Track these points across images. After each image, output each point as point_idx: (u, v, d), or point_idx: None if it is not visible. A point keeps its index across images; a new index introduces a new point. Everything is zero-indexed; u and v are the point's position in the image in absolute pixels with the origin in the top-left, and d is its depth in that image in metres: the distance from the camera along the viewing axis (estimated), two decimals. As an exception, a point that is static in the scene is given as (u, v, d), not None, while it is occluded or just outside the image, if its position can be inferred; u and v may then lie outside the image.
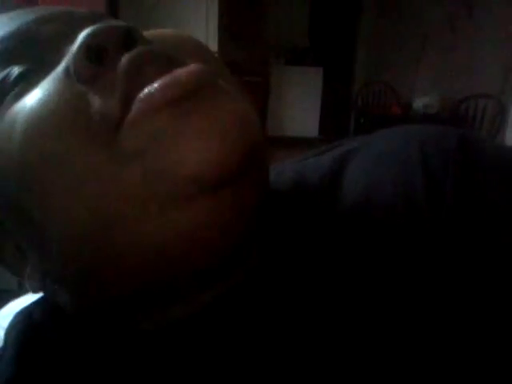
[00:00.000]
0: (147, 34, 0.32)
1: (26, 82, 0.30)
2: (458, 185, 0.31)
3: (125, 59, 0.27)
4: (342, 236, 0.33)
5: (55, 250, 0.29)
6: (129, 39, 0.28)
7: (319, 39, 7.04)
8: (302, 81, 6.41)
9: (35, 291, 0.34)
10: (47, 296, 0.36)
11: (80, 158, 0.27)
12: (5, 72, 0.30)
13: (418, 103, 4.61)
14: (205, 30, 4.38)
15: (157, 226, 0.27)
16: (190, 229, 0.27)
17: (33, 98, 0.28)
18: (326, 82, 6.58)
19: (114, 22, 0.29)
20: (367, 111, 5.39)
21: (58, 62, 0.30)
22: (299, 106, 6.47)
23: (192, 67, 0.28)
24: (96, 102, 0.27)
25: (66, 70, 0.28)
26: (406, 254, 0.31)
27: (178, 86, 0.26)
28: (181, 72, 0.27)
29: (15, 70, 0.30)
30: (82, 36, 0.28)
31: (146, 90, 0.26)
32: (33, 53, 0.31)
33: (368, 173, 0.35)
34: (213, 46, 4.42)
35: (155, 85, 0.26)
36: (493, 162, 0.33)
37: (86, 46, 0.28)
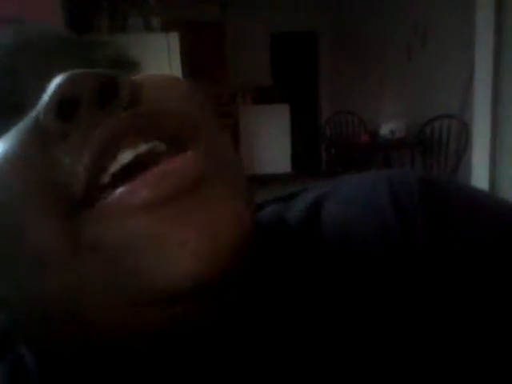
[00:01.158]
0: (137, 79, 0.28)
1: None
2: (428, 219, 0.32)
3: (103, 126, 0.24)
4: (322, 275, 0.33)
5: (21, 323, 0.27)
6: (108, 91, 0.25)
7: (282, 77, 7.19)
8: (270, 118, 6.51)
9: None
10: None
11: (38, 232, 0.23)
12: None
13: (385, 129, 4.70)
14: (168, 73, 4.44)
15: (121, 328, 0.25)
16: (162, 331, 0.25)
17: None
18: (293, 117, 6.68)
19: (89, 70, 0.25)
20: (337, 141, 5.47)
21: (32, 105, 0.26)
22: (270, 144, 6.53)
23: (183, 160, 0.25)
24: (63, 167, 0.24)
25: (34, 123, 0.25)
26: (385, 286, 0.31)
27: (164, 185, 0.24)
28: (172, 166, 0.24)
29: None
30: (52, 86, 0.24)
31: (128, 186, 0.24)
32: (6, 86, 0.29)
33: (342, 214, 0.35)
34: (178, 91, 4.48)
35: (140, 180, 0.24)
36: (452, 197, 0.34)
37: (56, 98, 0.24)
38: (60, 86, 0.24)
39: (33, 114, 0.25)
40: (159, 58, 4.42)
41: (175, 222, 0.24)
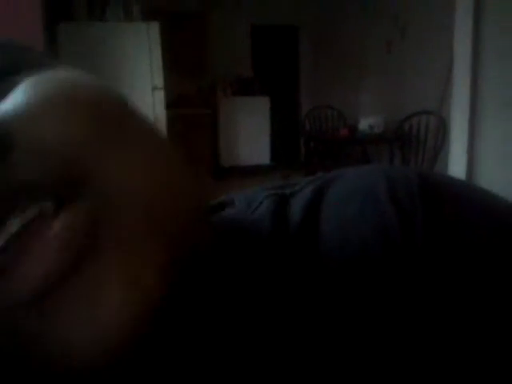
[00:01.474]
0: (11, 109, 0.24)
1: None
2: (427, 217, 0.32)
3: None
4: (322, 276, 0.32)
5: None
6: None
7: (263, 69, 7.18)
8: (250, 110, 6.51)
9: None
10: None
11: None
12: None
13: (364, 124, 4.73)
14: (149, 65, 4.39)
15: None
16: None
17: None
18: (273, 110, 6.70)
19: None
20: (316, 135, 5.49)
21: None
22: (249, 135, 6.54)
23: (66, 230, 0.21)
24: None
25: None
26: (385, 288, 0.31)
27: (44, 276, 0.21)
28: (40, 254, 0.21)
29: None
30: None
31: (8, 282, 0.21)
32: None
33: (339, 214, 0.34)
34: (158, 81, 4.44)
35: (14, 275, 0.21)
36: (451, 193, 0.34)
37: None
38: None
39: None
40: (139, 48, 4.37)
41: (55, 312, 0.22)
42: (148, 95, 4.38)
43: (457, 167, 2.72)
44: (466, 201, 0.34)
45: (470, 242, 0.32)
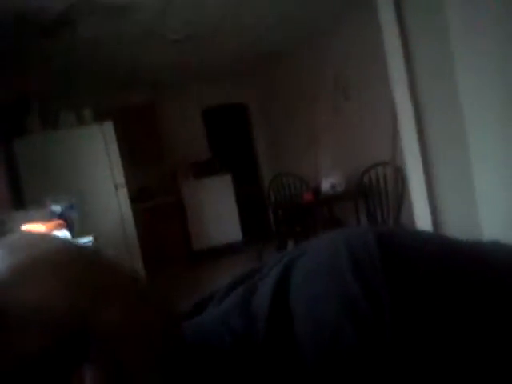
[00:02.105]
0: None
1: None
2: (392, 287, 0.32)
3: None
4: (299, 368, 0.33)
5: None
6: None
7: (220, 148, 7.33)
8: (214, 190, 6.56)
9: None
10: None
11: None
12: None
13: (326, 184, 4.83)
14: (108, 164, 4.44)
15: None
16: None
17: None
18: (236, 186, 6.77)
19: None
20: (282, 204, 5.56)
21: None
22: (218, 215, 6.56)
23: None
24: None
25: None
26: (359, 367, 0.31)
27: None
28: None
29: None
30: None
31: None
32: None
33: (307, 290, 0.35)
34: (119, 178, 4.48)
35: None
36: (413, 254, 0.35)
37: None
38: None
39: None
40: (95, 149, 4.43)
41: None
42: (111, 194, 4.41)
43: (420, 211, 2.79)
44: (432, 259, 0.34)
45: (440, 306, 0.32)
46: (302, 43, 5.56)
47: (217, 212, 6.54)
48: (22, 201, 3.89)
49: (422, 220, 2.75)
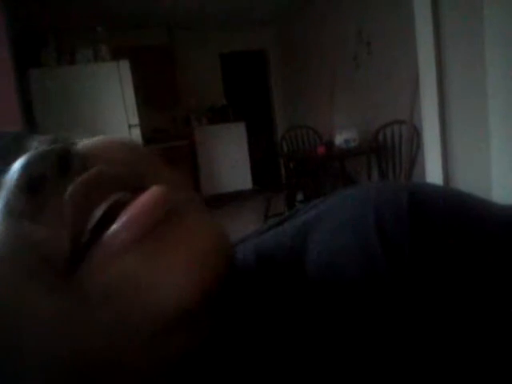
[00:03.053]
0: (84, 147, 0.30)
1: None
2: (415, 244, 0.33)
3: (67, 193, 0.26)
4: (309, 308, 0.34)
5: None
6: (65, 162, 0.27)
7: (236, 96, 7.26)
8: (226, 137, 6.55)
9: None
10: None
11: (35, 302, 0.25)
12: None
13: (339, 139, 4.78)
14: (123, 103, 4.42)
15: (136, 359, 0.26)
16: (171, 356, 0.27)
17: None
18: (250, 134, 6.74)
19: (45, 147, 0.27)
20: (294, 155, 5.54)
21: None
22: (229, 162, 6.57)
23: (151, 194, 0.26)
24: (43, 239, 0.25)
25: (5, 208, 0.26)
26: (369, 318, 0.32)
27: (139, 223, 0.25)
28: (141, 202, 0.26)
29: None
30: (15, 168, 0.26)
31: (108, 233, 0.25)
32: None
33: (329, 245, 0.35)
34: (133, 118, 4.47)
35: (115, 226, 0.25)
36: (441, 209, 0.34)
37: (22, 178, 0.26)
38: (22, 168, 0.26)
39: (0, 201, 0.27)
40: (110, 87, 4.40)
41: (161, 253, 0.26)
42: (125, 133, 4.41)
43: (433, 172, 2.77)
44: (459, 218, 0.34)
45: (459, 265, 0.32)
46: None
47: (228, 159, 6.55)
48: (35, 132, 3.90)
49: (434, 181, 2.74)
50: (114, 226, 0.25)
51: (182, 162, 6.19)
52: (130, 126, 4.45)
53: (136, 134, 4.48)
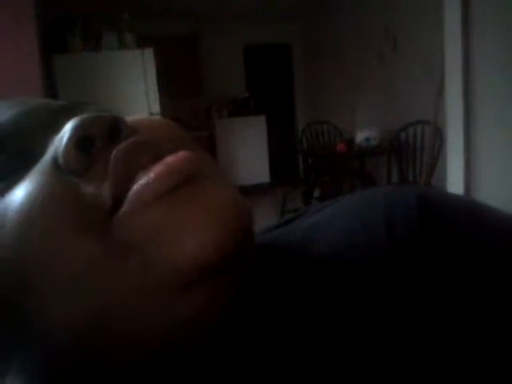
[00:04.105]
0: (131, 120, 0.33)
1: (13, 175, 0.29)
2: (423, 246, 0.33)
3: (116, 150, 0.28)
4: (314, 302, 0.34)
5: (52, 348, 0.28)
6: (115, 128, 0.29)
7: (257, 88, 7.25)
8: (246, 130, 6.55)
9: None
10: None
11: (75, 251, 0.26)
12: None
13: (360, 137, 4.75)
14: (144, 91, 4.44)
15: (157, 316, 0.27)
16: (191, 315, 0.27)
17: (23, 192, 0.28)
18: (269, 128, 6.74)
19: (98, 112, 0.29)
20: (313, 151, 5.52)
21: (41, 154, 0.30)
22: (248, 155, 6.58)
23: (181, 155, 0.28)
24: (88, 192, 0.27)
25: (55, 162, 0.28)
26: (374, 314, 0.32)
27: (172, 175, 0.27)
28: (172, 160, 0.28)
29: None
30: (69, 126, 0.28)
31: (140, 181, 0.27)
32: (15, 146, 0.31)
33: (339, 242, 0.36)
34: (154, 106, 4.48)
35: (150, 175, 0.27)
36: (453, 215, 0.35)
37: (75, 136, 0.28)
38: (76, 127, 0.28)
39: (50, 154, 0.29)
40: (134, 75, 4.42)
41: (187, 205, 0.27)
42: (145, 121, 4.43)
43: (454, 176, 2.73)
44: (470, 226, 0.34)
45: (470, 271, 0.32)
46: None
47: (247, 152, 6.55)
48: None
49: (455, 184, 2.70)
50: (143, 180, 0.27)
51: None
52: (151, 114, 4.46)
53: (157, 123, 4.50)
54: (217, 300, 0.28)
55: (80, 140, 0.28)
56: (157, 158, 0.28)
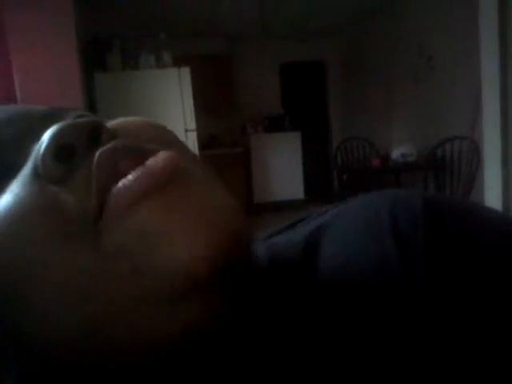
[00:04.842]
0: (111, 124, 0.32)
1: None
2: (428, 248, 0.32)
3: (96, 157, 0.27)
4: (321, 310, 0.34)
5: (45, 358, 0.27)
6: (94, 134, 0.28)
7: (293, 105, 7.28)
8: (281, 146, 6.57)
9: None
10: None
11: (62, 260, 0.26)
12: None
13: (396, 153, 4.71)
14: (181, 108, 4.52)
15: (150, 325, 0.26)
16: (184, 326, 0.27)
17: (4, 203, 0.27)
18: (304, 144, 6.74)
19: (76, 119, 0.29)
20: (348, 167, 5.50)
21: (22, 164, 0.29)
22: (282, 171, 6.58)
23: (162, 155, 0.28)
24: (70, 201, 0.27)
25: (35, 171, 0.28)
26: (382, 319, 0.32)
27: (152, 176, 0.26)
28: (152, 161, 0.27)
29: None
30: (47, 135, 0.28)
31: (120, 184, 0.26)
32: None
33: (343, 247, 0.36)
34: (190, 123, 4.56)
35: (129, 177, 0.26)
36: (456, 220, 0.34)
37: (54, 145, 0.27)
38: (54, 135, 0.28)
39: (30, 164, 0.28)
40: (171, 92, 4.51)
41: (172, 208, 0.26)
42: (181, 137, 4.48)
43: (492, 192, 2.68)
44: (474, 228, 0.34)
45: (471, 271, 0.32)
46: (387, 7, 5.35)
47: (282, 168, 6.56)
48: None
49: (493, 200, 2.65)
50: (122, 182, 0.26)
51: (236, 168, 6.25)
52: (186, 130, 4.54)
53: (192, 139, 4.56)
54: (210, 311, 0.27)
55: (59, 148, 0.27)
56: (139, 160, 0.28)
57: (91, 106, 4.14)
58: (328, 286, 0.34)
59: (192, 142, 4.55)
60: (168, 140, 0.33)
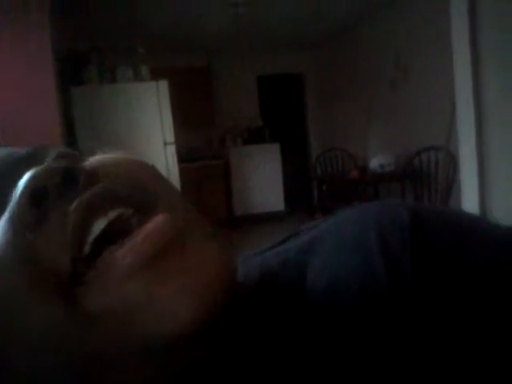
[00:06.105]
0: (91, 163, 0.32)
1: None
2: (416, 263, 0.32)
3: (72, 209, 0.27)
4: (310, 329, 0.34)
5: None
6: (70, 177, 0.28)
7: (272, 117, 7.30)
8: (261, 158, 6.57)
9: None
10: None
11: (37, 312, 0.26)
12: None
13: (374, 163, 4.76)
14: (160, 122, 4.50)
15: (132, 381, 0.27)
16: (168, 380, 0.28)
17: None
18: (284, 156, 6.76)
19: (54, 160, 0.30)
20: (327, 178, 5.53)
21: (3, 210, 0.29)
22: (262, 183, 6.59)
23: (156, 223, 0.28)
24: (45, 254, 0.27)
25: (10, 219, 0.28)
26: (373, 337, 0.32)
27: (145, 251, 0.27)
28: (146, 233, 0.27)
29: None
30: (22, 181, 0.28)
31: (112, 254, 0.26)
32: None
33: (331, 263, 0.35)
34: (169, 136, 4.54)
35: (125, 247, 0.27)
36: (443, 230, 0.34)
37: (27, 191, 0.27)
38: (28, 181, 0.28)
39: (6, 212, 0.28)
40: (149, 106, 4.49)
41: (162, 281, 0.27)
42: (160, 150, 4.47)
43: (469, 201, 2.72)
44: (462, 241, 0.34)
45: (461, 286, 0.32)
46: (364, 19, 5.42)
47: (261, 180, 6.57)
48: (76, 148, 4.01)
49: (470, 209, 2.68)
50: (119, 251, 0.27)
51: (215, 181, 6.24)
52: (165, 144, 4.51)
53: (171, 152, 4.54)
54: (193, 361, 0.28)
55: (31, 193, 0.27)
56: (114, 207, 0.28)
57: (68, 121, 4.10)
58: (317, 303, 0.34)
59: (171, 155, 4.53)
60: (149, 180, 0.33)
